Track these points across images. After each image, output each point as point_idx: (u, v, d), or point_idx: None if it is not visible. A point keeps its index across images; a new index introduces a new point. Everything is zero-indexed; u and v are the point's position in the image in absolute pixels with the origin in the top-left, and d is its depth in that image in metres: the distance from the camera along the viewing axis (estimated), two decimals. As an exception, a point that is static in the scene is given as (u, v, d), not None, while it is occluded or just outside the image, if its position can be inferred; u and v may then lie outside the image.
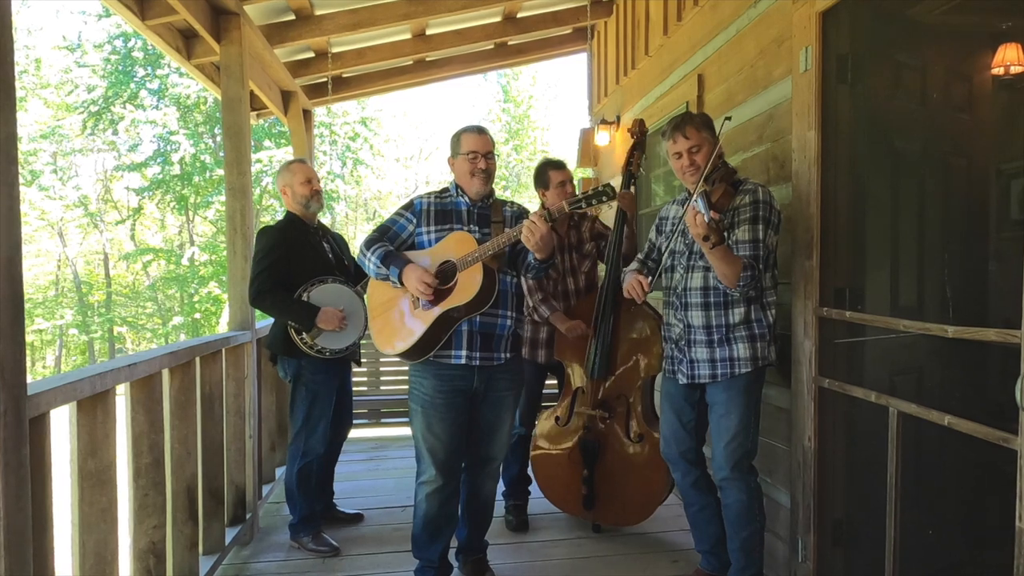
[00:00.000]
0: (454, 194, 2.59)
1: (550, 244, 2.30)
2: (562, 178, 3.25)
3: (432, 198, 2.59)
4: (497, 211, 2.59)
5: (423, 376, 2.50)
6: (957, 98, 2.20)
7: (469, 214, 2.55)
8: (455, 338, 2.45)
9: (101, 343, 20.18)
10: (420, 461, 2.56)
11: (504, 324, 2.51)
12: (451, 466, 2.53)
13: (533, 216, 2.25)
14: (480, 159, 2.52)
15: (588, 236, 3.39)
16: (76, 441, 1.83)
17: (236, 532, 3.09)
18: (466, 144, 2.54)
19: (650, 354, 3.05)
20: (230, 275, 3.41)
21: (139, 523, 2.24)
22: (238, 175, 3.35)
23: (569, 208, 2.27)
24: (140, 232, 20.02)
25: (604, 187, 2.24)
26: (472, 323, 2.44)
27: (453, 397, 2.48)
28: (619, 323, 3.09)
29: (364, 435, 5.40)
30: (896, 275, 2.44)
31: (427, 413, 2.48)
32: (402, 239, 2.56)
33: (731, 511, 2.46)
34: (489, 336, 2.48)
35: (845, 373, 2.43)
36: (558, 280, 3.33)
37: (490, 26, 5.14)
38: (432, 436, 2.49)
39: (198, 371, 2.74)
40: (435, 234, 2.51)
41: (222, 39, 3.37)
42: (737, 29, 3.11)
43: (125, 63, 16.78)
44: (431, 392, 2.47)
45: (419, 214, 2.55)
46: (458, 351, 2.45)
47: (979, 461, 1.96)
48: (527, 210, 2.68)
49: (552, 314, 3.19)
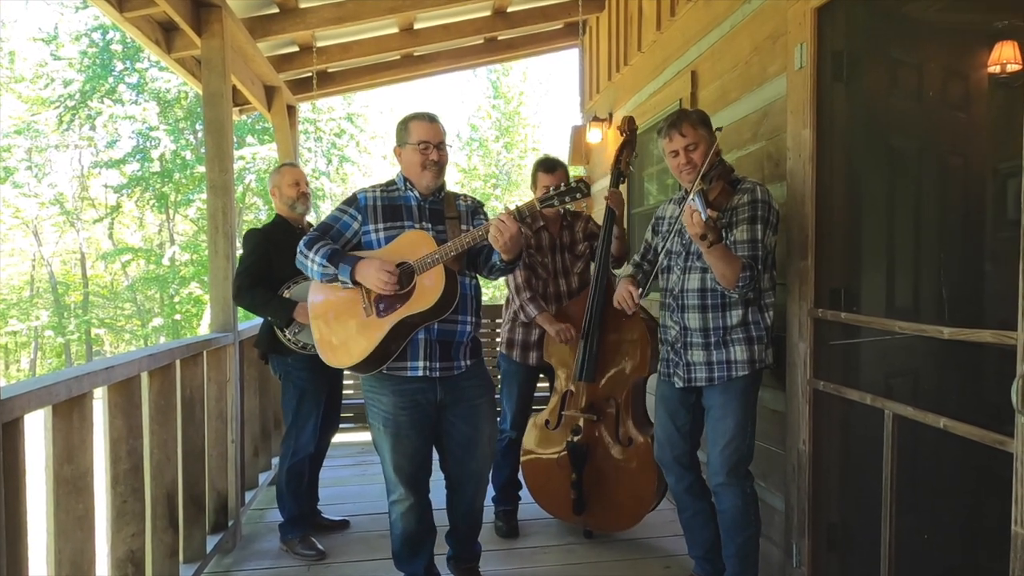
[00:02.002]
0: (402, 188, 2.44)
1: (519, 244, 2.20)
2: (548, 182, 3.12)
3: (378, 192, 2.43)
4: (450, 206, 2.45)
5: (380, 392, 2.37)
6: (953, 96, 2.22)
7: (420, 210, 2.41)
8: (410, 348, 2.31)
9: (78, 345, 20.04)
10: (387, 479, 2.46)
11: (464, 331, 2.40)
12: (420, 479, 2.46)
13: (502, 215, 2.14)
14: (432, 150, 2.37)
15: (581, 236, 3.38)
16: (52, 446, 1.81)
17: (218, 539, 3.07)
18: (416, 133, 2.38)
19: (640, 356, 3.06)
20: (211, 275, 3.39)
21: (117, 531, 2.22)
22: (220, 172, 3.33)
23: (540, 206, 2.21)
24: (118, 231, 19.90)
25: (577, 183, 2.18)
26: (430, 331, 2.32)
27: (416, 412, 2.36)
28: (608, 325, 3.10)
29: (350, 439, 5.38)
30: (892, 276, 2.46)
31: (391, 432, 2.36)
32: (346, 238, 2.38)
33: (726, 517, 2.47)
34: (448, 344, 2.37)
35: (840, 375, 2.44)
36: (549, 281, 3.31)
37: (479, 20, 5.14)
38: (397, 454, 2.38)
39: (178, 374, 2.73)
40: (384, 232, 2.36)
41: (203, 32, 3.35)
42: (731, 25, 3.13)
43: (103, 56, 16.67)
44: (391, 409, 2.35)
45: (364, 210, 2.39)
46: (414, 362, 2.33)
47: (975, 464, 1.97)
48: (481, 203, 2.60)
49: (540, 315, 3.17)
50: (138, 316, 19.70)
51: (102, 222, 19.40)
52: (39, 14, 25.61)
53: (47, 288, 20.06)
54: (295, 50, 4.88)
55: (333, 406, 3.35)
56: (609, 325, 3.10)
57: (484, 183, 22.54)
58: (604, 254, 3.10)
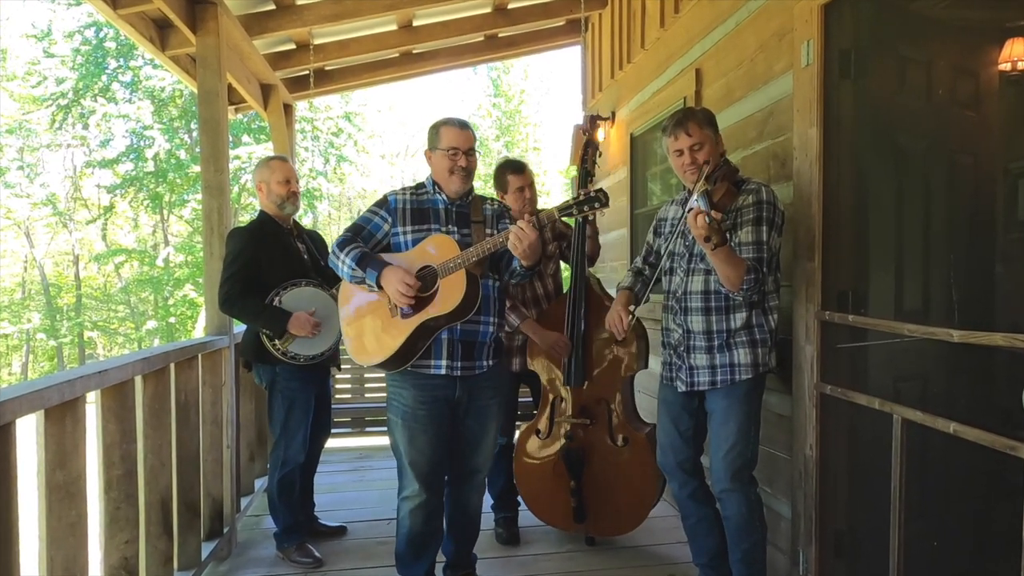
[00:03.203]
0: (431, 191, 2.54)
1: (538, 251, 2.27)
2: (520, 183, 3.22)
3: (408, 195, 2.52)
4: (476, 210, 2.55)
5: (402, 386, 2.46)
6: (963, 95, 2.22)
7: (447, 213, 2.51)
8: (434, 347, 2.40)
9: (71, 348, 20.03)
10: (402, 475, 2.53)
11: (487, 331, 2.48)
12: (434, 479, 2.51)
13: (522, 223, 2.21)
14: (461, 156, 2.46)
15: (550, 236, 3.37)
16: (44, 451, 1.81)
17: (213, 547, 3.07)
18: (446, 139, 2.47)
19: (627, 353, 3.08)
20: (207, 277, 3.40)
21: (110, 538, 2.22)
22: (215, 172, 3.33)
23: (559, 214, 2.28)
24: (112, 232, 19.88)
25: (597, 192, 2.22)
26: (453, 331, 2.40)
27: (435, 408, 2.45)
28: (591, 326, 3.10)
29: (347, 444, 5.39)
30: (900, 277, 2.46)
31: (408, 425, 2.45)
32: (377, 239, 2.49)
33: (731, 523, 2.47)
34: (471, 344, 2.45)
35: (848, 379, 2.44)
36: (525, 285, 3.31)
37: (479, 17, 5.14)
38: (414, 449, 2.46)
39: (173, 378, 2.73)
40: (412, 235, 2.46)
41: (198, 29, 3.36)
42: (736, 22, 3.13)
43: (96, 54, 16.66)
44: (412, 403, 2.44)
45: (394, 212, 2.49)
46: (438, 361, 2.42)
47: (985, 470, 1.97)
48: (507, 207, 2.67)
49: (523, 323, 3.16)
50: (132, 319, 19.70)
51: (95, 223, 19.39)
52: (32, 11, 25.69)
53: (39, 290, 20.07)
54: (292, 47, 4.89)
55: (323, 412, 3.32)
56: (593, 327, 3.11)
57: (484, 183, 22.53)
58: (579, 255, 3.12)
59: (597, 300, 3.13)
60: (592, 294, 3.14)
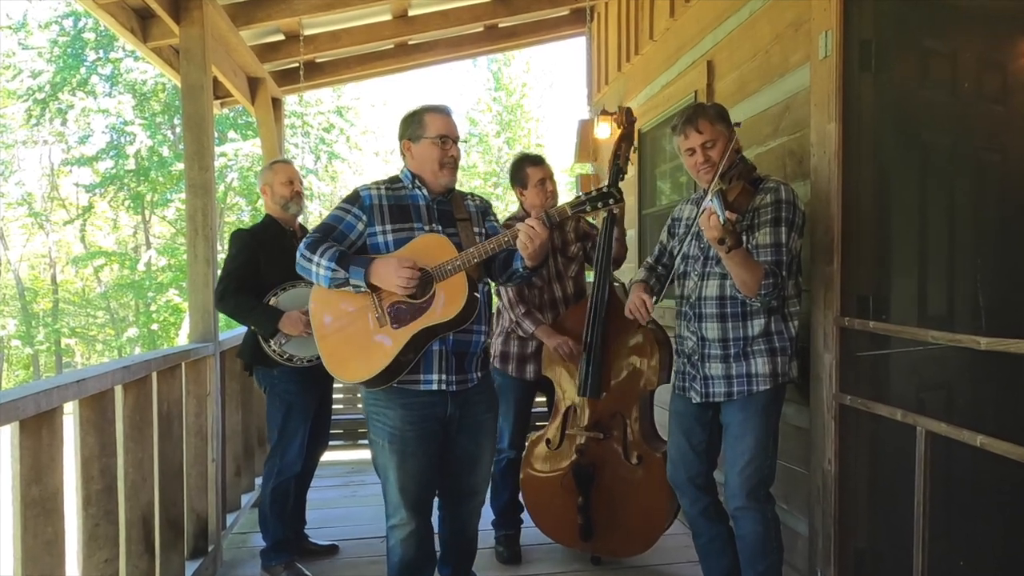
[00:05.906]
0: (408, 185, 2.41)
1: (546, 251, 2.23)
2: (542, 175, 3.21)
3: (383, 189, 2.38)
4: (459, 206, 2.44)
5: (387, 406, 2.32)
6: (991, 88, 2.22)
7: (429, 210, 2.38)
8: (424, 360, 2.29)
9: (47, 356, 20.04)
10: (388, 502, 2.42)
11: (478, 341, 2.40)
12: (424, 503, 2.43)
13: (532, 221, 2.15)
14: (452, 145, 2.36)
15: (573, 237, 3.38)
16: (19, 465, 1.81)
17: (197, 566, 3.07)
18: (434, 126, 2.35)
19: (648, 366, 3.05)
20: (190, 281, 3.40)
21: (89, 556, 2.22)
22: (200, 170, 3.34)
23: (572, 211, 2.23)
24: (91, 233, 19.92)
25: (611, 189, 2.21)
26: (445, 342, 2.30)
27: (425, 427, 2.33)
28: (612, 334, 3.07)
29: (339, 458, 5.38)
30: (924, 282, 2.46)
31: (396, 449, 2.32)
32: (351, 240, 2.33)
33: (746, 543, 2.46)
34: (463, 356, 2.35)
35: (869, 389, 2.44)
36: (544, 288, 3.30)
37: (479, 6, 5.15)
38: (404, 474, 2.33)
39: (155, 387, 2.73)
40: (394, 235, 2.32)
41: (182, 19, 3.37)
42: (750, 11, 3.14)
43: (75, 46, 16.71)
44: (399, 424, 2.31)
45: (369, 209, 2.33)
46: (428, 375, 2.30)
47: (1015, 485, 1.97)
48: (489, 203, 2.61)
49: (537, 328, 3.16)
50: (112, 325, 19.72)
51: (73, 224, 19.43)
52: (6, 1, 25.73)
53: (14, 295, 20.09)
54: (280, 39, 4.90)
55: (323, 422, 3.34)
56: (612, 335, 3.07)
57: (484, 181, 22.59)
58: (604, 258, 3.08)
59: (619, 307, 3.08)
60: (615, 300, 3.05)
